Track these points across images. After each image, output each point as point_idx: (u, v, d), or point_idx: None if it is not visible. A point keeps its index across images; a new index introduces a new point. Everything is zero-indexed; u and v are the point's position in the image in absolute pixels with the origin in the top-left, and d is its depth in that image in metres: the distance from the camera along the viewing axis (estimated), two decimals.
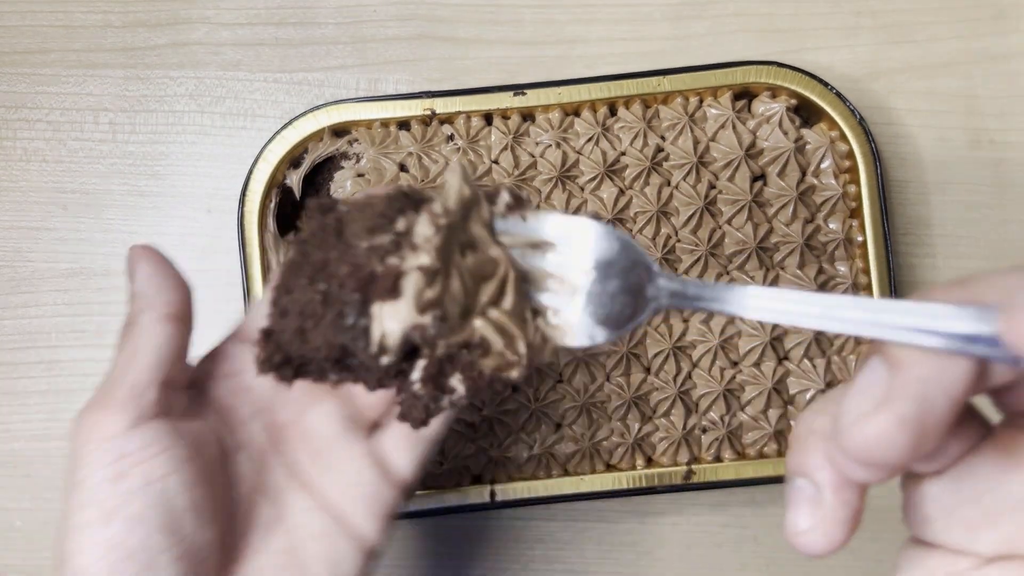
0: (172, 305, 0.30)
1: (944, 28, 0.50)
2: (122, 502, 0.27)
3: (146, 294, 0.30)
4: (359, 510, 0.31)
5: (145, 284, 0.30)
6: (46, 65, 0.50)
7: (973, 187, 0.49)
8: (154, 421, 0.28)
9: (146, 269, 0.30)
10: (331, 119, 0.45)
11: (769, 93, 0.46)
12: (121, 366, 0.29)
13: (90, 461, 0.28)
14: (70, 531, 0.27)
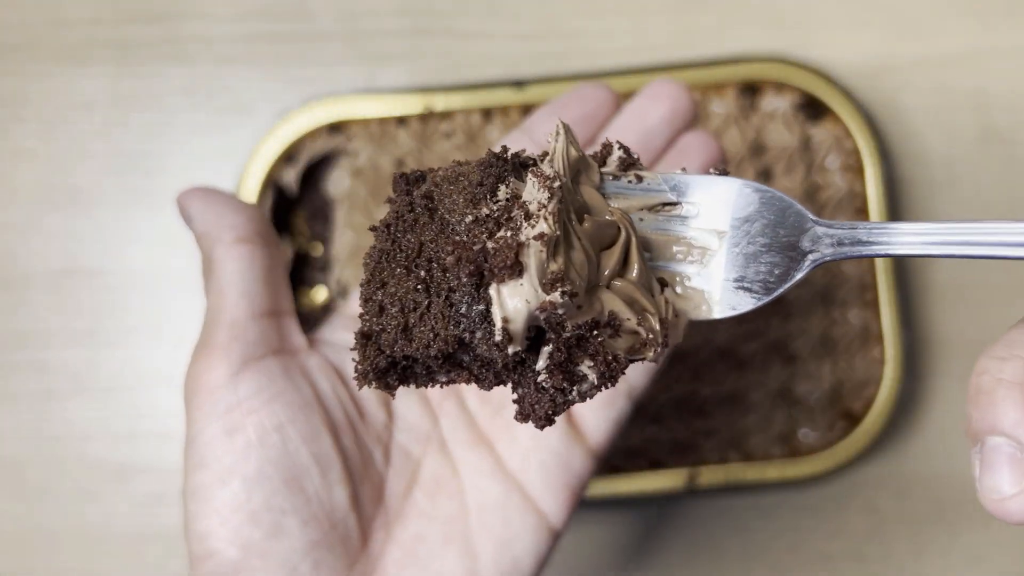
0: (239, 228, 0.27)
1: (953, 23, 0.49)
2: (238, 459, 0.25)
3: (208, 230, 0.27)
4: (541, 480, 0.27)
5: (203, 220, 0.27)
6: (37, 61, 0.49)
7: (982, 184, 0.48)
8: (263, 361, 0.25)
9: (198, 206, 0.28)
10: (327, 115, 0.45)
11: (775, 89, 0.45)
12: (213, 307, 0.27)
13: (200, 415, 0.25)
14: (189, 494, 0.25)
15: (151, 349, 0.48)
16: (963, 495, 0.47)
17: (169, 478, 0.47)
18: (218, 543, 0.24)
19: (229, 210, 0.27)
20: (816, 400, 0.45)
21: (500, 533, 0.26)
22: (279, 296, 0.27)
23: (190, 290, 0.48)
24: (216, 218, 0.27)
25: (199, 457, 0.25)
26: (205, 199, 0.28)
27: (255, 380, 0.25)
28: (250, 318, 0.26)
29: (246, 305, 0.26)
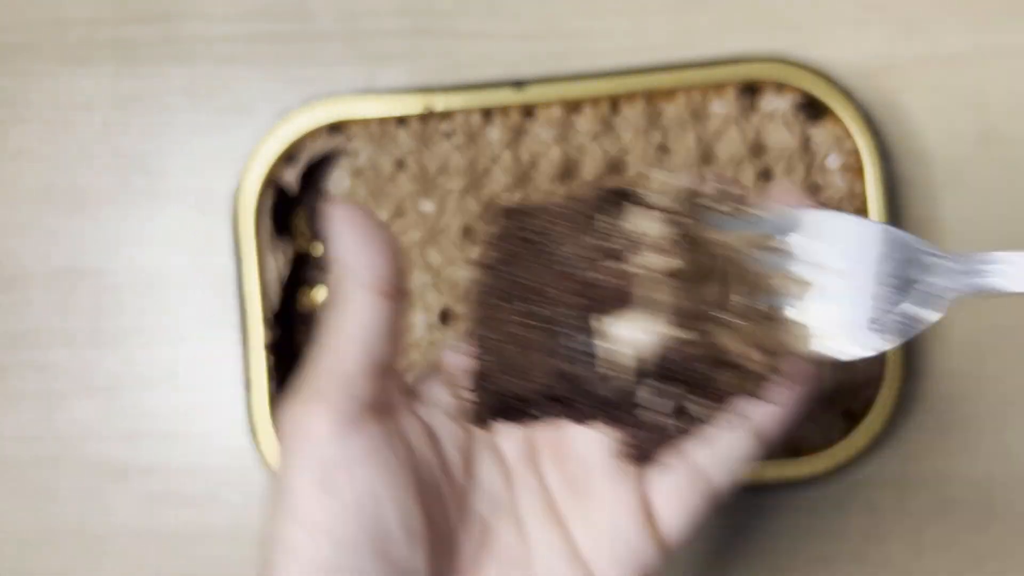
0: (384, 276, 0.25)
1: (955, 23, 0.49)
2: (331, 519, 0.24)
3: (353, 265, 0.25)
4: (611, 570, 0.26)
5: (351, 253, 0.25)
6: (36, 61, 0.49)
7: (983, 185, 0.48)
8: (366, 421, 0.25)
9: (350, 236, 0.26)
10: (327, 115, 0.45)
11: (775, 89, 0.45)
12: (329, 351, 0.25)
13: (295, 463, 0.25)
14: (273, 542, 0.25)
15: (152, 349, 0.48)
16: (964, 495, 0.47)
17: (170, 478, 0.47)
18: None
19: (381, 252, 0.25)
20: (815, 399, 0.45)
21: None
22: (395, 353, 0.26)
23: (191, 290, 0.48)
24: (366, 256, 0.25)
25: (290, 508, 0.25)
26: (359, 231, 0.26)
27: (357, 441, 0.24)
28: (365, 374, 0.25)
29: (365, 360, 0.25)
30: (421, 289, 0.44)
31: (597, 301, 0.22)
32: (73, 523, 0.47)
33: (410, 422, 0.27)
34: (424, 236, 0.44)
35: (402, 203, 0.44)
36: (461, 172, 0.44)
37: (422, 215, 0.44)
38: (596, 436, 0.26)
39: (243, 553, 0.47)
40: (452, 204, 0.44)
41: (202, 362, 0.48)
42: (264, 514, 0.27)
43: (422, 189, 0.44)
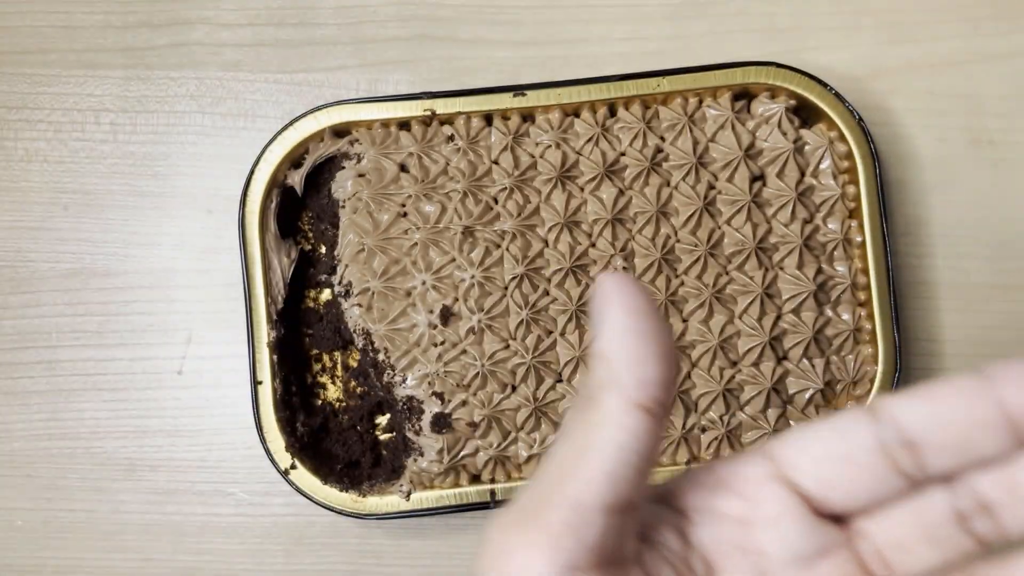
0: (651, 389, 0.20)
1: (945, 28, 0.50)
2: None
3: (619, 366, 0.21)
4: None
5: (617, 346, 0.21)
6: (47, 65, 0.50)
7: (973, 187, 0.49)
8: (592, 572, 0.20)
9: (620, 321, 0.21)
10: (331, 120, 0.45)
11: (768, 93, 0.46)
12: (567, 471, 0.20)
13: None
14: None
15: (159, 349, 0.49)
16: None
17: (177, 475, 0.48)
18: None
19: (653, 351, 0.21)
20: (809, 398, 0.45)
21: None
22: (643, 488, 0.21)
23: (198, 290, 0.49)
24: (637, 356, 0.21)
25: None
26: (632, 319, 0.21)
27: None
28: (605, 510, 0.20)
29: (609, 493, 0.20)
30: (422, 289, 0.44)
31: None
32: (82, 517, 0.48)
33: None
34: (425, 236, 0.44)
35: (404, 204, 0.45)
36: (462, 174, 0.45)
37: (424, 216, 0.45)
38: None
39: (248, 547, 0.48)
40: (453, 205, 0.44)
41: (209, 360, 0.49)
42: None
43: (424, 191, 0.45)
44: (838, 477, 0.21)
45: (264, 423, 0.44)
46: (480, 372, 0.44)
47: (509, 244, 0.45)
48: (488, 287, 0.44)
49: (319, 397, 0.48)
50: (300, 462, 0.44)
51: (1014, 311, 0.49)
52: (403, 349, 0.45)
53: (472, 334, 0.44)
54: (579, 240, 0.45)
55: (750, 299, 0.45)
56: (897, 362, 0.44)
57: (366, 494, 0.44)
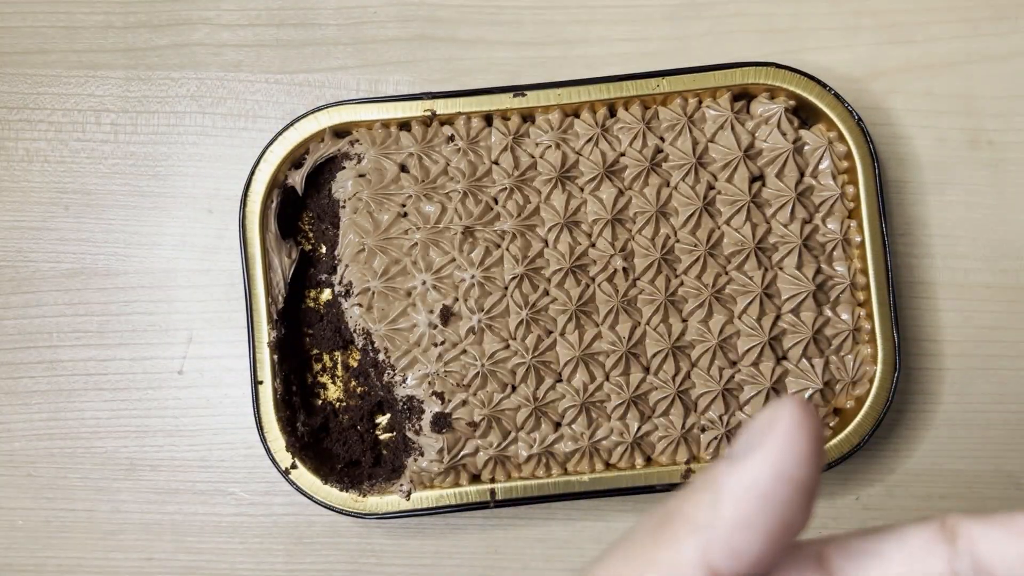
0: (740, 564, 0.17)
1: (943, 28, 0.50)
2: None
3: (723, 512, 0.17)
4: None
5: (738, 493, 0.17)
6: (48, 66, 0.50)
7: (971, 187, 0.49)
8: None
9: (766, 469, 0.17)
10: (332, 120, 0.45)
11: (768, 94, 0.46)
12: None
13: None
14: None
15: (160, 348, 0.49)
16: (952, 491, 0.48)
17: (178, 474, 0.48)
18: None
19: (768, 531, 0.17)
20: (808, 398, 0.45)
21: None
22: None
23: (199, 289, 0.49)
24: (745, 522, 0.17)
25: None
26: (778, 481, 0.17)
27: None
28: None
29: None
30: (422, 289, 0.44)
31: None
32: (83, 516, 0.48)
33: None
34: (425, 236, 0.44)
35: (404, 204, 0.45)
36: (462, 174, 0.45)
37: (424, 216, 0.45)
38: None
39: (248, 546, 0.48)
40: (453, 205, 0.45)
41: (209, 360, 0.49)
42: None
43: (424, 191, 0.45)
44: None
45: (264, 423, 0.44)
46: (480, 372, 0.44)
47: (509, 244, 0.45)
48: (488, 287, 0.44)
49: (319, 397, 0.48)
50: (300, 462, 0.44)
51: (1013, 311, 0.49)
52: (403, 349, 0.45)
53: (472, 334, 0.44)
54: (579, 240, 0.45)
55: (749, 299, 0.45)
56: (896, 362, 0.45)
57: (366, 494, 0.45)
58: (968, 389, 0.48)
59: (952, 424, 0.48)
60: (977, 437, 0.48)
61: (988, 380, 0.48)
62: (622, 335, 0.45)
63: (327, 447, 0.47)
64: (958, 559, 0.18)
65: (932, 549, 0.18)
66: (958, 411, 0.48)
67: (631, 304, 0.45)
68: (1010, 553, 0.17)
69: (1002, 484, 0.48)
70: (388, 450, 0.47)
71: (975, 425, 0.48)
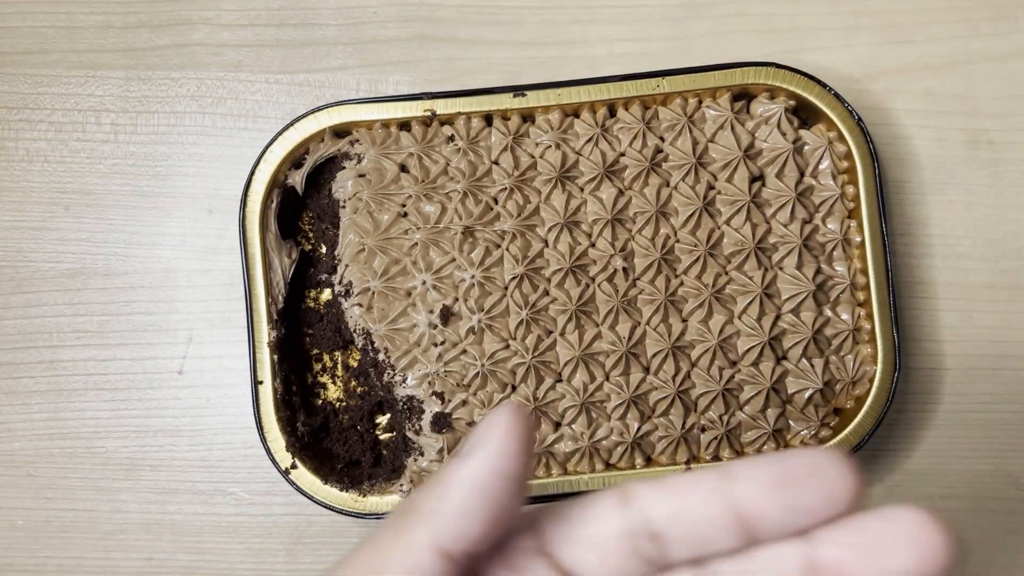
0: (466, 545, 0.21)
1: (943, 28, 0.50)
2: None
3: (449, 502, 0.21)
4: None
5: (462, 486, 0.21)
6: (48, 66, 0.50)
7: (971, 187, 0.49)
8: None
9: (482, 465, 0.21)
10: (332, 120, 0.45)
11: (768, 94, 0.46)
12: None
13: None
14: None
15: (160, 348, 0.49)
16: (952, 491, 0.48)
17: (178, 474, 0.48)
18: None
19: (487, 517, 0.21)
20: (808, 398, 0.45)
21: None
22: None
23: (199, 289, 0.49)
24: (467, 510, 0.21)
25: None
26: (491, 476, 0.21)
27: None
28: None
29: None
30: (422, 289, 0.44)
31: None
32: (83, 516, 0.48)
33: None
34: (425, 236, 0.44)
35: (404, 204, 0.45)
36: (462, 174, 0.45)
37: (424, 216, 0.45)
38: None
39: (249, 546, 0.48)
40: (453, 205, 0.45)
41: (209, 360, 0.49)
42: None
43: (424, 191, 0.45)
44: (586, 558, 0.21)
45: (264, 423, 0.44)
46: (480, 372, 0.44)
47: (509, 244, 0.45)
48: (488, 287, 0.44)
49: (319, 397, 0.48)
50: (300, 462, 0.44)
51: (1012, 311, 0.49)
52: (403, 349, 0.45)
53: (472, 334, 0.44)
54: (579, 240, 0.45)
55: (749, 299, 0.45)
56: (896, 362, 0.45)
57: (366, 494, 0.45)
58: (968, 389, 0.48)
59: (952, 424, 0.48)
60: (977, 437, 0.48)
61: (988, 380, 0.48)
62: (622, 335, 0.45)
63: (327, 447, 0.47)
64: (631, 517, 0.21)
65: (613, 511, 0.21)
66: (958, 411, 0.48)
67: (631, 304, 0.45)
68: (665, 508, 0.21)
69: (1002, 484, 0.48)
70: (388, 450, 0.47)
71: (975, 425, 0.48)
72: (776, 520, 0.20)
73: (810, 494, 0.20)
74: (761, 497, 0.20)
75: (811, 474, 0.20)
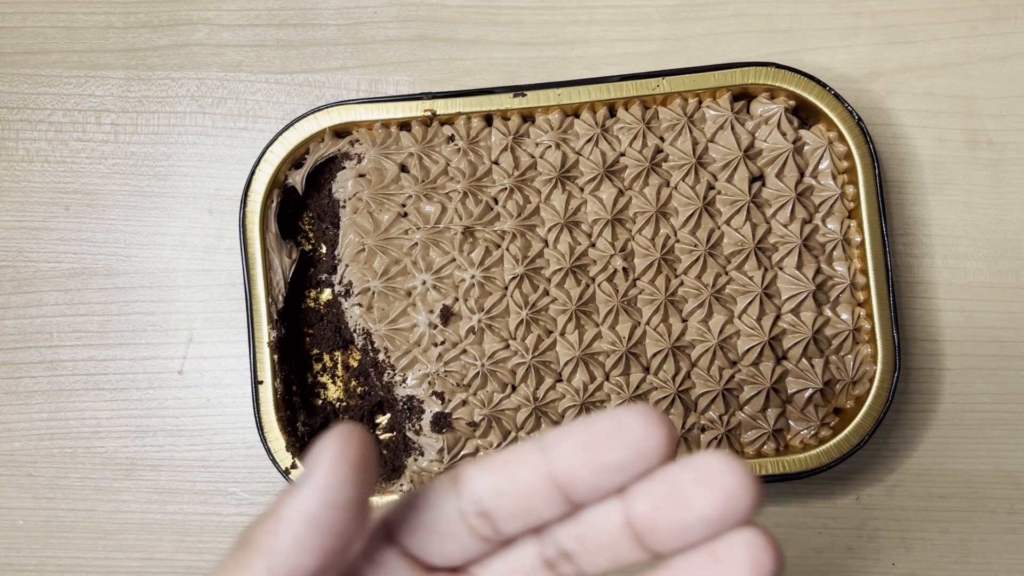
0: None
1: (943, 29, 0.50)
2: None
3: (283, 538, 0.20)
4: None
5: (294, 523, 0.20)
6: (48, 66, 0.50)
7: (971, 187, 0.49)
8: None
9: (314, 496, 0.20)
10: (332, 120, 0.45)
11: (768, 94, 0.46)
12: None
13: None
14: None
15: (160, 348, 0.49)
16: (952, 490, 0.48)
17: (178, 474, 0.48)
18: None
19: (320, 551, 0.20)
20: (808, 398, 0.45)
21: None
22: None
23: (199, 290, 0.49)
24: (300, 546, 0.20)
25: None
26: (325, 507, 0.20)
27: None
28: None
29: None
30: (422, 289, 0.45)
31: None
32: (83, 516, 0.48)
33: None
34: (425, 236, 0.44)
35: (404, 204, 0.45)
36: (462, 174, 0.45)
37: (424, 216, 0.45)
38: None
39: None
40: (453, 205, 0.45)
41: (210, 360, 0.49)
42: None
43: (424, 191, 0.45)
44: (428, 543, 0.22)
45: (265, 423, 0.44)
46: (480, 372, 0.44)
47: (509, 244, 0.45)
48: (488, 287, 0.45)
49: (320, 397, 0.48)
50: (300, 462, 0.44)
51: (1012, 311, 0.49)
52: (403, 349, 0.45)
53: (472, 334, 0.44)
54: (579, 240, 0.45)
55: (749, 299, 0.45)
56: (896, 362, 0.45)
57: None
58: (968, 389, 0.49)
59: (952, 424, 0.48)
60: (977, 437, 0.48)
61: (988, 380, 0.48)
62: (622, 335, 0.45)
63: None
64: (462, 498, 0.21)
65: (446, 494, 0.22)
66: (958, 411, 0.48)
67: (631, 304, 0.45)
68: (490, 486, 0.21)
69: (1002, 484, 0.48)
70: (388, 450, 0.47)
71: (975, 425, 0.48)
72: (591, 482, 0.20)
73: (616, 453, 0.20)
74: (573, 462, 0.20)
75: (617, 433, 0.20)
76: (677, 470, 0.20)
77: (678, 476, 0.20)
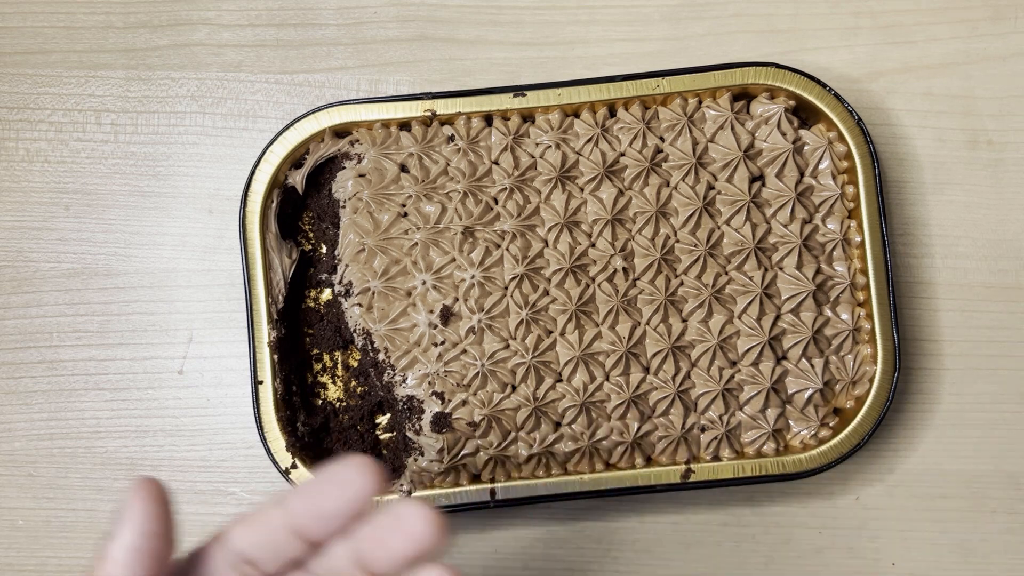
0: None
1: (943, 29, 0.50)
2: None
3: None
4: None
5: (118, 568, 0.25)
6: (48, 66, 0.50)
7: (971, 187, 0.49)
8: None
9: (127, 543, 0.25)
10: (332, 120, 0.45)
11: (768, 94, 0.46)
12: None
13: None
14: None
15: (160, 348, 0.49)
16: (951, 490, 0.48)
17: (178, 474, 0.48)
18: None
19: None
20: (808, 398, 0.45)
21: None
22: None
23: (199, 289, 0.49)
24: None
25: None
26: (136, 554, 0.26)
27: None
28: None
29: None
30: (422, 289, 0.45)
31: None
32: (83, 516, 0.48)
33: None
34: (425, 236, 0.44)
35: (404, 204, 0.45)
36: (462, 174, 0.45)
37: (424, 216, 0.45)
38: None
39: None
40: (453, 205, 0.45)
41: (210, 360, 0.49)
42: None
43: (424, 191, 0.45)
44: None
45: (265, 423, 0.44)
46: (480, 372, 0.44)
47: (509, 244, 0.45)
48: (488, 287, 0.45)
49: (320, 397, 0.48)
50: (301, 462, 0.44)
51: (1012, 311, 0.49)
52: (403, 349, 0.45)
53: (472, 334, 0.44)
54: (579, 240, 0.45)
55: (749, 299, 0.45)
56: (896, 362, 0.45)
57: None
58: (968, 389, 0.49)
59: (952, 424, 0.48)
60: (977, 437, 0.48)
61: (988, 380, 0.48)
62: (622, 335, 0.45)
63: (327, 447, 0.47)
64: (227, 555, 0.26)
65: (212, 553, 0.26)
66: (958, 411, 0.48)
67: (631, 304, 0.45)
68: (248, 540, 0.26)
69: (1002, 484, 0.48)
70: (388, 450, 0.47)
71: (975, 425, 0.48)
72: (319, 529, 0.25)
73: (330, 504, 0.25)
74: (303, 517, 0.25)
75: (334, 486, 0.26)
76: (383, 517, 0.25)
77: (383, 521, 0.25)
